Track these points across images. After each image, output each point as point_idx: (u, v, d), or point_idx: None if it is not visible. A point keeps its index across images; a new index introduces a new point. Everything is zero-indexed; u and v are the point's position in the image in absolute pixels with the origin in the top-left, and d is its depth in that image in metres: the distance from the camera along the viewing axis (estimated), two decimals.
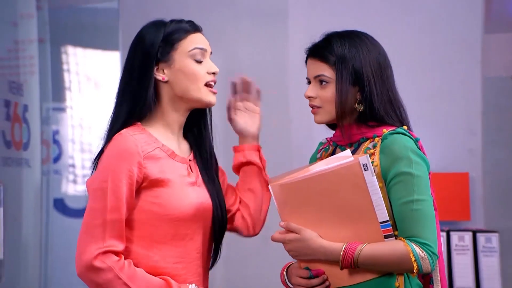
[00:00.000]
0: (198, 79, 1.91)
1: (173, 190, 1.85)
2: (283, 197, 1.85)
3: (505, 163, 3.37)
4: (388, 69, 1.98)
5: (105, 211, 1.77)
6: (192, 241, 1.90)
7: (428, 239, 1.80)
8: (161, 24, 1.92)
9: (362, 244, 1.81)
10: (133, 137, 1.83)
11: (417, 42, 3.37)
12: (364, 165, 1.76)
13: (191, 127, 2.02)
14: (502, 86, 3.42)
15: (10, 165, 3.30)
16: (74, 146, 4.50)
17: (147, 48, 1.89)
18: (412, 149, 1.86)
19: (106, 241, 1.76)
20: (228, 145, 2.15)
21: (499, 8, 3.50)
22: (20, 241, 3.42)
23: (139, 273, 1.78)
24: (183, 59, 1.90)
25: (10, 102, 3.32)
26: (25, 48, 3.58)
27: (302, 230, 1.85)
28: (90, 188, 1.82)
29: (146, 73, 1.88)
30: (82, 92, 4.59)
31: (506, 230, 3.21)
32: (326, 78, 1.94)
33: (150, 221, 1.84)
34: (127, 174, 1.79)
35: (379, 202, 1.79)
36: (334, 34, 1.98)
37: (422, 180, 1.84)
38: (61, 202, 4.46)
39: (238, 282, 3.45)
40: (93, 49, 4.64)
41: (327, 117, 1.97)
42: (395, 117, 1.95)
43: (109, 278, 1.74)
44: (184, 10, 1.91)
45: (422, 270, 1.79)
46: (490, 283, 3.04)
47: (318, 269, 1.87)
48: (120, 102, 1.91)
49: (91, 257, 1.74)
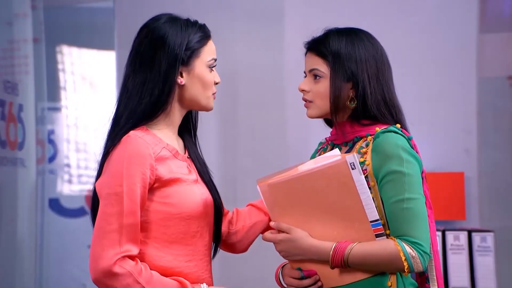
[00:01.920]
0: (209, 88, 1.92)
1: (182, 189, 1.85)
2: (272, 197, 1.84)
3: (501, 163, 3.38)
4: (385, 68, 1.96)
5: (121, 215, 1.75)
6: (202, 238, 1.90)
7: (419, 238, 1.79)
8: (185, 25, 1.89)
9: (352, 243, 1.80)
10: (143, 138, 1.81)
11: (413, 42, 3.38)
12: (351, 164, 1.75)
13: (184, 125, 2.01)
14: (498, 86, 3.43)
15: (5, 164, 3.30)
16: (69, 146, 4.49)
17: (173, 51, 1.85)
18: (403, 148, 1.84)
19: (123, 245, 1.74)
20: (224, 145, 2.15)
21: (494, 8, 3.51)
22: (15, 240, 3.41)
23: (155, 276, 1.78)
24: (202, 67, 1.89)
25: (5, 102, 3.31)
26: (20, 47, 3.58)
27: (292, 230, 1.84)
28: (102, 192, 1.79)
29: (170, 76, 1.85)
30: (78, 91, 4.59)
31: (501, 230, 3.22)
32: (320, 73, 1.93)
33: (162, 221, 1.83)
34: (140, 177, 1.77)
35: (369, 201, 1.78)
36: (333, 30, 1.98)
37: (413, 178, 1.82)
38: (57, 202, 4.46)
39: (235, 282, 3.45)
40: (89, 49, 4.64)
41: (318, 112, 1.96)
42: (389, 116, 1.93)
43: (128, 283, 1.73)
44: (181, 10, 1.90)
45: (413, 270, 1.78)
46: (485, 283, 3.04)
47: (310, 270, 1.87)
48: (137, 103, 1.85)
49: (110, 263, 1.72)
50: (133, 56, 1.90)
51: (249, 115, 3.57)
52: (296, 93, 2.03)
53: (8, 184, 3.33)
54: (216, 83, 1.94)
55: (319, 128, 2.11)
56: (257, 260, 3.05)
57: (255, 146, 3.53)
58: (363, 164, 1.86)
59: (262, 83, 3.55)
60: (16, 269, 3.41)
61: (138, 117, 1.85)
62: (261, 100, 2.05)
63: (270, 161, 3.42)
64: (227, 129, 1.99)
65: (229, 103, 3.53)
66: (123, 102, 1.88)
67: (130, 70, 1.89)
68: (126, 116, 1.85)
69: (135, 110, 1.85)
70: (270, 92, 3.53)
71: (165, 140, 1.89)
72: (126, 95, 1.87)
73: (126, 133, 1.81)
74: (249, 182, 3.31)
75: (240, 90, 3.57)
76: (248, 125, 3.56)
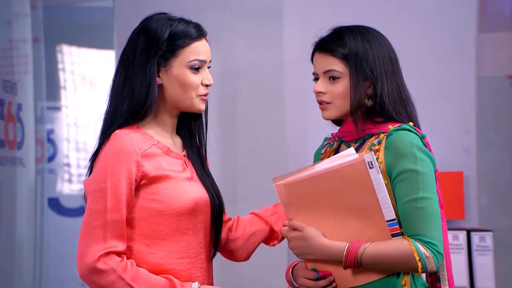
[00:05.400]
0: (191, 90, 1.88)
1: (171, 186, 1.84)
2: (288, 197, 1.83)
3: (500, 163, 3.38)
4: (397, 64, 1.95)
5: (105, 212, 1.76)
6: (195, 236, 1.89)
7: (433, 238, 1.77)
8: (168, 24, 1.87)
9: (365, 243, 1.78)
10: (129, 135, 1.81)
11: (412, 42, 3.37)
12: (369, 162, 1.73)
13: (184, 124, 2.00)
14: (497, 85, 3.43)
15: (4, 164, 3.29)
16: (69, 145, 4.49)
17: (150, 50, 1.85)
18: (418, 146, 1.82)
19: (107, 242, 1.75)
20: (224, 145, 2.15)
21: (493, 7, 3.50)
22: (14, 240, 3.41)
23: (142, 273, 1.77)
24: (180, 67, 1.86)
25: (4, 101, 3.31)
26: (19, 47, 3.58)
27: (305, 228, 1.83)
28: (88, 189, 1.81)
29: (147, 76, 1.84)
30: (77, 91, 4.59)
31: (500, 229, 3.22)
32: (337, 73, 1.89)
33: (151, 218, 1.83)
34: (125, 173, 1.78)
35: (386, 200, 1.76)
36: (344, 29, 1.94)
37: (427, 177, 1.80)
38: (56, 202, 4.46)
39: (235, 282, 3.45)
40: (88, 48, 4.64)
41: (337, 112, 1.92)
42: (404, 113, 1.91)
43: (113, 280, 1.73)
44: (180, 10, 1.89)
45: (427, 269, 1.77)
46: (484, 282, 3.04)
47: (325, 271, 1.85)
48: (120, 101, 1.86)
49: (93, 259, 1.73)
50: (121, 54, 1.91)
51: (248, 115, 3.56)
52: (295, 92, 2.03)
53: (7, 183, 3.33)
54: (206, 85, 1.90)
55: (319, 127, 2.11)
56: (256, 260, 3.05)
57: (253, 145, 3.53)
58: (376, 162, 1.84)
59: (261, 82, 3.55)
60: (15, 268, 3.41)
61: (124, 116, 1.85)
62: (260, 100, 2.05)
63: (269, 161, 3.42)
64: (226, 128, 1.99)
65: (228, 103, 3.52)
66: (110, 100, 1.89)
67: (116, 68, 1.91)
68: (112, 115, 1.87)
69: (120, 109, 1.85)
70: (269, 91, 3.53)
71: (157, 137, 1.89)
72: (112, 93, 1.89)
73: (114, 132, 1.82)
74: (248, 181, 3.30)
75: (239, 90, 3.57)
76: (247, 124, 3.56)
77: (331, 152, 2.03)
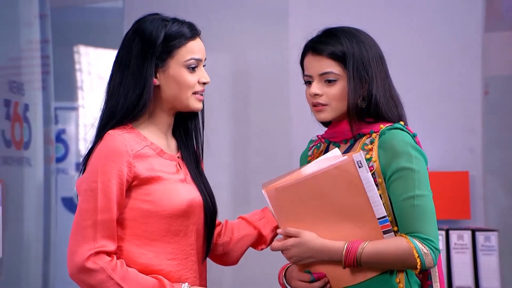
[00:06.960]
0: (188, 88, 1.90)
1: (163, 187, 1.85)
2: (279, 202, 1.84)
3: (506, 162, 3.37)
4: (386, 65, 1.96)
5: (95, 211, 1.77)
6: (186, 237, 1.90)
7: (430, 235, 1.79)
8: (163, 25, 1.88)
9: (363, 242, 1.80)
10: (122, 136, 1.83)
11: (417, 42, 3.37)
12: (358, 162, 1.75)
13: (181, 124, 2.01)
14: (503, 85, 3.41)
15: (10, 164, 3.32)
16: (86, 145, 4.53)
17: (146, 52, 1.86)
18: (412, 144, 1.84)
19: (97, 241, 1.76)
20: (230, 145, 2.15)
21: (499, 6, 3.49)
22: (21, 240, 3.43)
23: (131, 273, 1.78)
24: (177, 67, 1.88)
25: (11, 102, 3.33)
26: (28, 48, 3.60)
27: (301, 233, 1.83)
28: (80, 188, 1.82)
29: (143, 77, 1.86)
30: (89, 90, 4.62)
31: (505, 229, 3.20)
32: (334, 76, 1.90)
33: (142, 218, 1.84)
34: (116, 174, 1.79)
35: (376, 198, 1.78)
36: (337, 30, 1.94)
37: (422, 175, 1.82)
38: (70, 201, 4.49)
39: (234, 283, 3.46)
40: (99, 48, 4.68)
41: (333, 114, 1.93)
42: (395, 112, 1.93)
43: (102, 279, 1.75)
44: (188, 10, 1.90)
45: (425, 266, 1.79)
46: (489, 282, 3.03)
47: (319, 272, 1.86)
48: (115, 102, 1.88)
49: (83, 258, 1.74)
50: (115, 56, 1.92)
51: (254, 114, 3.57)
52: (301, 92, 2.02)
53: (14, 183, 3.35)
54: (203, 83, 1.93)
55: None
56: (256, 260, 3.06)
57: (259, 145, 3.53)
58: (369, 161, 1.85)
59: (267, 82, 3.55)
60: (22, 267, 3.43)
61: (119, 116, 1.86)
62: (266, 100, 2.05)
63: (274, 160, 3.42)
64: (231, 128, 1.99)
65: (234, 103, 3.53)
66: (106, 102, 1.91)
67: (112, 71, 1.92)
68: (108, 115, 1.88)
69: (115, 110, 1.87)
70: (275, 91, 3.53)
71: (151, 138, 1.90)
72: (108, 95, 1.90)
73: (107, 132, 1.83)
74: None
75: (245, 90, 3.57)
76: (254, 124, 3.57)
77: (319, 154, 2.04)
